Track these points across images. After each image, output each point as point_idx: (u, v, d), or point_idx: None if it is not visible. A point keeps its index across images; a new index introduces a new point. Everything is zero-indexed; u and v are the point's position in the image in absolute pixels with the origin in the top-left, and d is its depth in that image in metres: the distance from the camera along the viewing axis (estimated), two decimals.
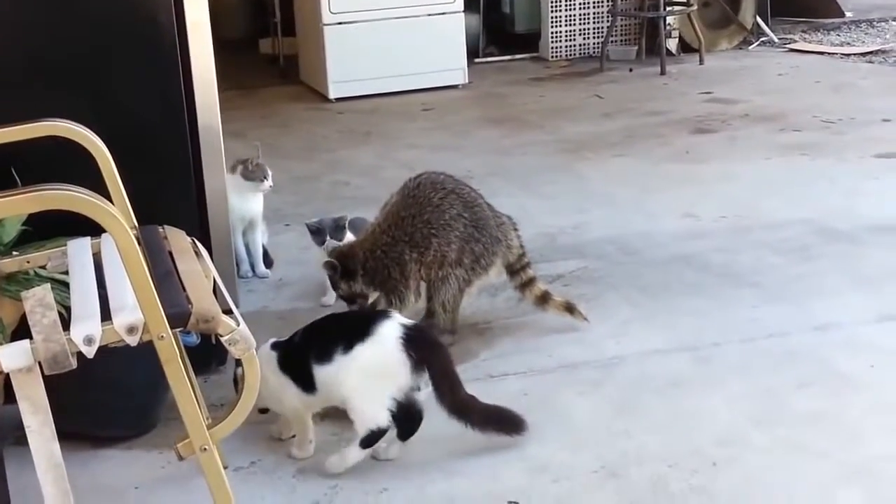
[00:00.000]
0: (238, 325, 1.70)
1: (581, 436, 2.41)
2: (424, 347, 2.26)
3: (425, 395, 2.29)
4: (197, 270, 1.90)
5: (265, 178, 3.58)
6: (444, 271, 2.87)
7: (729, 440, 2.36)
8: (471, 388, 2.64)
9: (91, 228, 1.94)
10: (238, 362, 1.77)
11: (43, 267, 2.15)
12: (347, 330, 2.28)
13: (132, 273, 1.60)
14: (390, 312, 2.36)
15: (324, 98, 6.51)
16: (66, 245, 2.16)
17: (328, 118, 6.10)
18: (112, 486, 2.32)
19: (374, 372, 2.22)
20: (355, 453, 2.26)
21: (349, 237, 3.33)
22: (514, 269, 3.00)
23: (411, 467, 2.30)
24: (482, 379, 2.72)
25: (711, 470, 2.24)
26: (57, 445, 1.70)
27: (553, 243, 3.78)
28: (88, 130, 2.16)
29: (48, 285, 1.62)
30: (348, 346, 2.23)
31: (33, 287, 2.26)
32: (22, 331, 2.09)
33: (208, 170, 2.78)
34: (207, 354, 2.62)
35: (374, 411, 2.23)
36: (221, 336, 1.69)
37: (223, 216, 2.82)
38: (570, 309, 2.98)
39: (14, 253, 2.21)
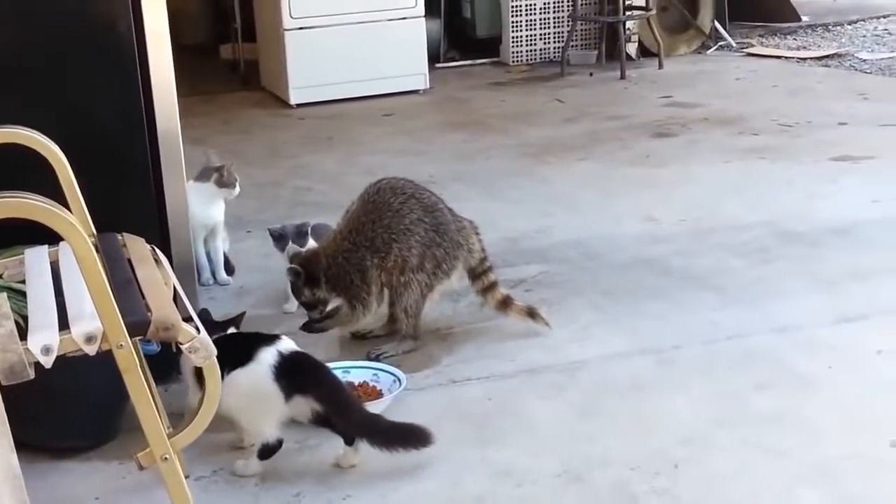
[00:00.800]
0: (199, 332, 1.69)
1: (544, 440, 2.42)
2: (301, 376, 2.25)
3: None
4: (157, 278, 1.89)
5: (236, 184, 3.57)
6: (405, 277, 2.87)
7: (691, 441, 2.37)
8: (433, 394, 2.67)
9: (48, 236, 1.93)
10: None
11: (0, 276, 2.13)
12: (231, 353, 2.23)
13: (90, 281, 1.59)
14: (277, 338, 2.32)
15: (285, 104, 6.48)
16: (22, 253, 2.13)
17: (290, 124, 6.09)
18: (72, 497, 2.29)
19: (250, 397, 2.23)
20: (255, 464, 2.30)
21: (311, 244, 3.32)
22: (475, 274, 3.00)
23: (374, 474, 2.30)
24: (444, 384, 2.72)
25: (674, 472, 2.25)
26: (15, 457, 1.69)
27: (516, 247, 3.79)
28: (45, 138, 2.14)
29: (4, 294, 1.60)
30: (229, 370, 2.19)
31: None
32: None
33: (168, 177, 2.76)
34: (168, 363, 2.60)
35: (258, 429, 2.27)
36: (181, 344, 1.68)
37: (183, 223, 2.80)
38: (531, 314, 2.98)
39: None
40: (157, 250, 2.14)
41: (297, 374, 2.24)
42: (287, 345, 2.30)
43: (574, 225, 4.01)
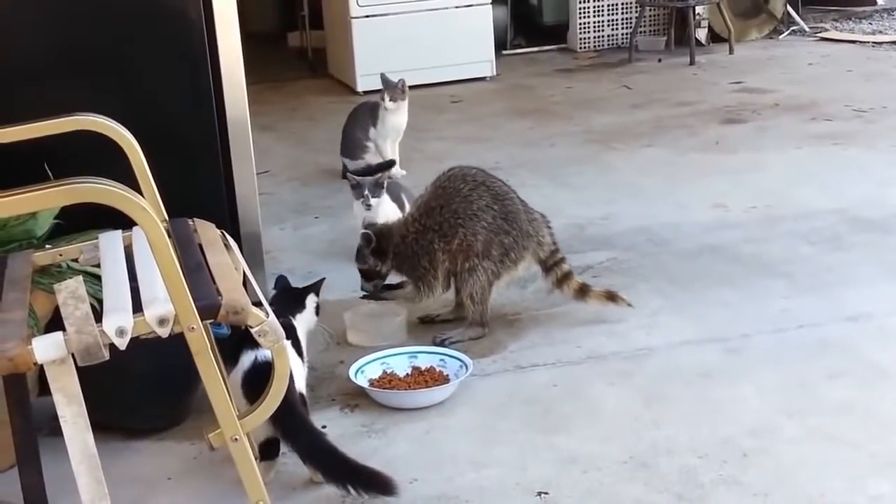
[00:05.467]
0: (267, 316, 1.70)
1: (610, 426, 2.41)
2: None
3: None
4: (226, 262, 1.91)
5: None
6: (470, 262, 2.88)
7: (760, 431, 2.34)
8: (499, 380, 2.67)
9: (123, 221, 1.97)
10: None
11: (75, 260, 2.17)
12: (231, 347, 2.23)
13: (163, 266, 1.61)
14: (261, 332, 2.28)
15: (352, 91, 6.52)
16: (97, 238, 2.17)
17: None
18: (145, 476, 2.34)
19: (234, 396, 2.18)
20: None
21: (385, 198, 3.52)
22: (548, 266, 2.99)
23: (441, 459, 2.31)
24: (511, 370, 2.72)
25: (742, 461, 2.23)
26: (91, 436, 1.72)
27: (582, 234, 3.77)
28: (117, 124, 2.17)
29: (80, 278, 1.63)
30: (229, 364, 2.20)
31: (66, 280, 2.32)
32: (55, 323, 2.11)
33: (237, 162, 2.79)
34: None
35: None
36: (251, 327, 1.70)
37: (252, 208, 2.84)
38: (611, 297, 2.97)
39: (47, 246, 2.24)
40: (227, 235, 2.17)
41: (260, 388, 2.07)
42: (264, 351, 2.10)
43: (641, 212, 3.97)
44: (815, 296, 3.08)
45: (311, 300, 2.52)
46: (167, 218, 2.20)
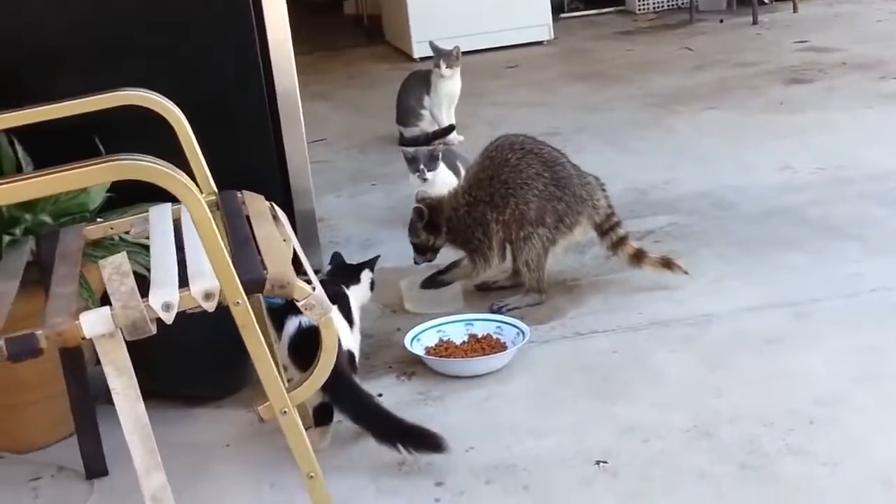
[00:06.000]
0: (314, 289, 1.67)
1: (672, 394, 2.34)
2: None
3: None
4: (274, 235, 1.88)
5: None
6: (524, 231, 2.83)
7: (828, 399, 2.26)
8: (557, 346, 2.62)
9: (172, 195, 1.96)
10: None
11: (127, 233, 2.16)
12: (278, 314, 2.23)
13: (207, 242, 1.58)
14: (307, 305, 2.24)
15: (408, 58, 6.47)
16: (148, 211, 2.16)
17: None
18: (204, 443, 2.32)
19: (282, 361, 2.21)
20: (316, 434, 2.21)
21: (443, 169, 3.47)
22: (603, 230, 2.93)
23: (498, 426, 2.26)
24: (569, 337, 2.67)
25: (809, 429, 2.15)
26: (142, 406, 1.70)
27: (643, 199, 3.69)
28: (164, 98, 2.14)
29: (125, 253, 1.61)
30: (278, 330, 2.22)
31: (119, 252, 2.31)
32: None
33: (288, 133, 2.77)
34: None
35: None
36: (297, 301, 1.66)
37: (304, 178, 2.81)
38: (667, 264, 2.88)
39: (98, 220, 2.22)
40: (276, 207, 2.13)
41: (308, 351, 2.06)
42: (306, 317, 2.14)
43: (703, 175, 3.88)
44: (888, 258, 2.96)
45: (365, 275, 2.52)
46: (216, 190, 2.18)
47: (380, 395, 2.42)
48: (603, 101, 5.21)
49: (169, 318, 1.63)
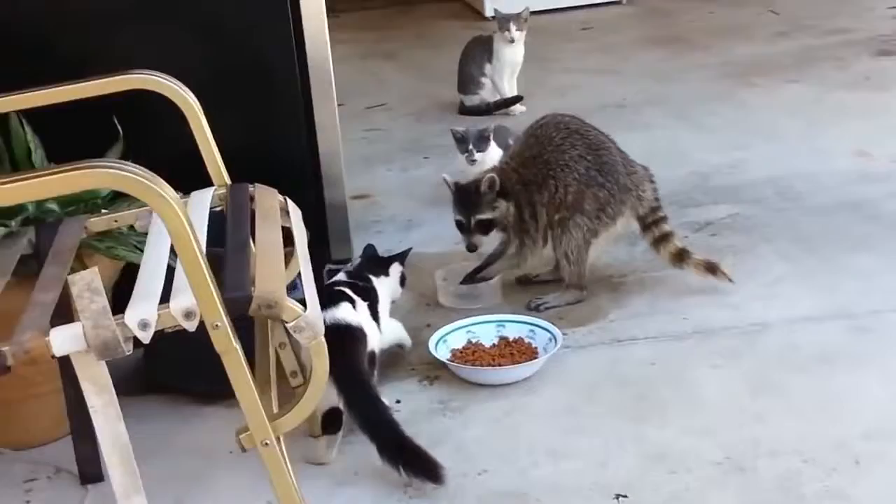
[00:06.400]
0: (305, 310, 1.54)
1: (708, 418, 2.17)
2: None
3: None
4: (274, 241, 1.75)
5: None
6: (560, 214, 2.68)
7: (879, 432, 2.07)
8: (593, 354, 2.46)
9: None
10: None
11: (132, 227, 2.05)
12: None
13: (184, 258, 1.46)
14: (343, 300, 2.13)
15: (481, 16, 6.26)
16: None
17: None
18: (208, 447, 2.21)
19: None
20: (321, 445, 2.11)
21: (493, 148, 3.34)
22: (646, 224, 2.75)
23: (516, 445, 2.13)
24: (607, 343, 2.51)
25: (853, 469, 1.97)
26: (122, 425, 1.60)
27: (705, 184, 3.48)
28: (178, 83, 2.02)
29: (96, 269, 1.50)
30: None
31: (128, 243, 2.22)
32: (119, 288, 2.02)
33: (319, 108, 2.63)
34: None
35: None
36: (286, 323, 1.54)
37: (335, 164, 2.68)
38: (711, 269, 2.69)
39: (104, 211, 2.12)
40: (289, 202, 2.01)
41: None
42: (342, 313, 2.09)
43: (773, 159, 3.64)
44: None
45: (395, 269, 2.41)
46: (228, 182, 2.06)
47: (398, 401, 2.30)
48: (677, 69, 4.96)
49: (146, 337, 1.52)
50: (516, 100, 4.48)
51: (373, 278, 2.34)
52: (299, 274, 2.34)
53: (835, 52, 4.94)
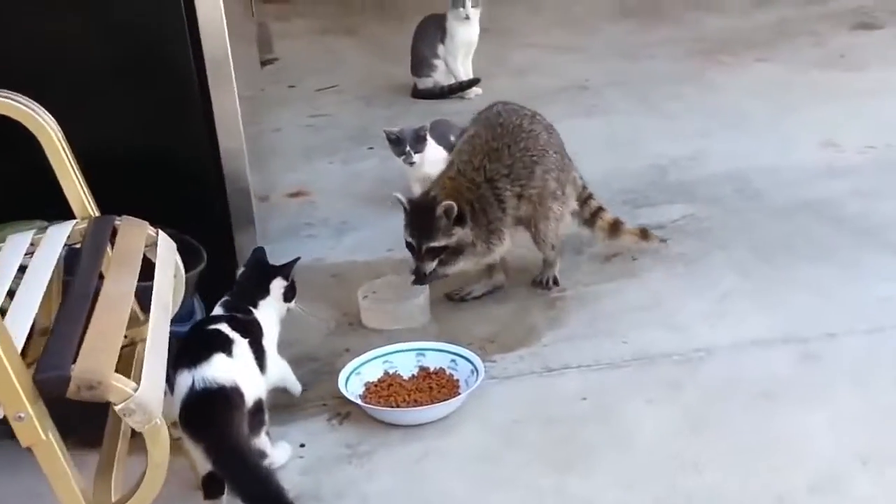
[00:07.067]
0: (135, 390, 1.32)
1: (639, 465, 1.95)
2: (199, 423, 1.78)
3: None
4: (118, 297, 1.53)
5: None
6: (546, 204, 2.56)
7: (825, 484, 1.85)
8: (520, 386, 2.25)
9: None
10: None
11: None
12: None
13: None
14: (215, 352, 1.83)
15: None
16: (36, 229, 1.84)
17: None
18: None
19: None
20: None
21: (432, 146, 3.11)
22: (582, 199, 2.71)
23: (424, 500, 1.92)
24: (537, 373, 2.29)
25: None
26: None
27: (661, 180, 3.26)
28: (34, 106, 1.80)
29: None
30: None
31: None
32: None
33: (216, 90, 2.37)
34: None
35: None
36: (114, 406, 1.32)
37: (239, 160, 2.42)
38: (644, 235, 2.72)
39: None
40: (161, 236, 1.79)
41: (203, 421, 1.77)
42: (213, 371, 1.79)
43: (736, 150, 3.42)
44: None
45: (276, 285, 2.10)
46: (94, 214, 1.84)
47: (302, 445, 2.09)
48: (644, 45, 4.73)
49: None
50: (472, 83, 4.24)
51: (254, 309, 2.05)
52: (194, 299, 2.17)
53: (811, 26, 4.71)
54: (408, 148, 3.07)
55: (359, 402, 2.17)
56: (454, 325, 2.51)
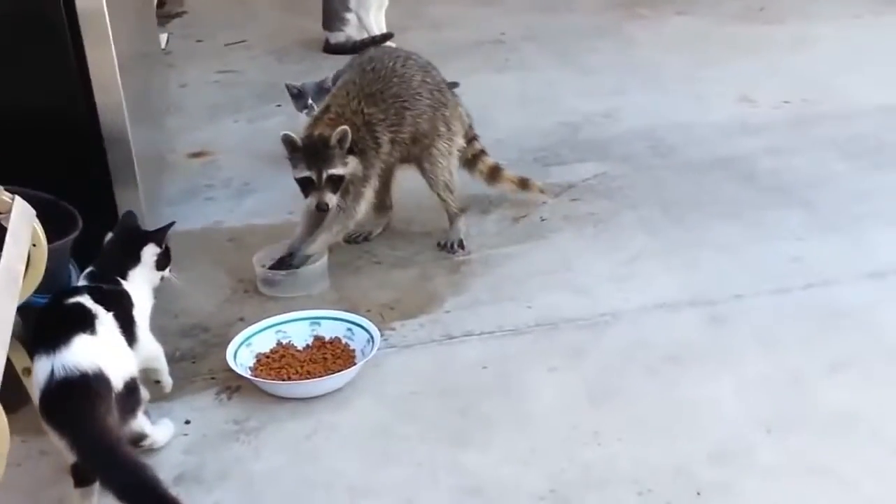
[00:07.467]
0: None
1: (537, 437, 1.88)
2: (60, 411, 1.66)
3: None
4: None
5: None
6: (421, 145, 2.52)
7: (727, 454, 1.80)
8: (420, 355, 2.17)
9: None
10: None
11: None
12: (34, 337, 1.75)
13: None
14: (78, 332, 1.70)
15: None
16: None
17: None
18: None
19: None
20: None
21: None
22: (468, 139, 2.66)
23: (314, 482, 1.82)
24: (438, 341, 2.20)
25: (694, 502, 1.70)
26: None
27: (573, 138, 3.17)
28: None
29: None
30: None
31: None
32: None
33: (93, 52, 2.19)
34: None
35: None
36: None
37: (116, 111, 2.23)
38: (523, 184, 2.70)
39: None
40: (18, 201, 1.66)
41: (65, 410, 1.65)
42: (73, 357, 1.66)
43: (650, 106, 3.35)
44: (835, 237, 2.48)
45: (148, 252, 1.95)
46: None
47: (187, 422, 1.98)
48: None
49: None
50: (385, 37, 4.10)
51: (123, 280, 1.91)
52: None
53: None
54: (310, 101, 2.96)
55: (248, 375, 2.06)
56: (354, 291, 2.41)
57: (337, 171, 2.38)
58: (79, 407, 1.62)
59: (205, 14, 4.90)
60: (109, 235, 1.97)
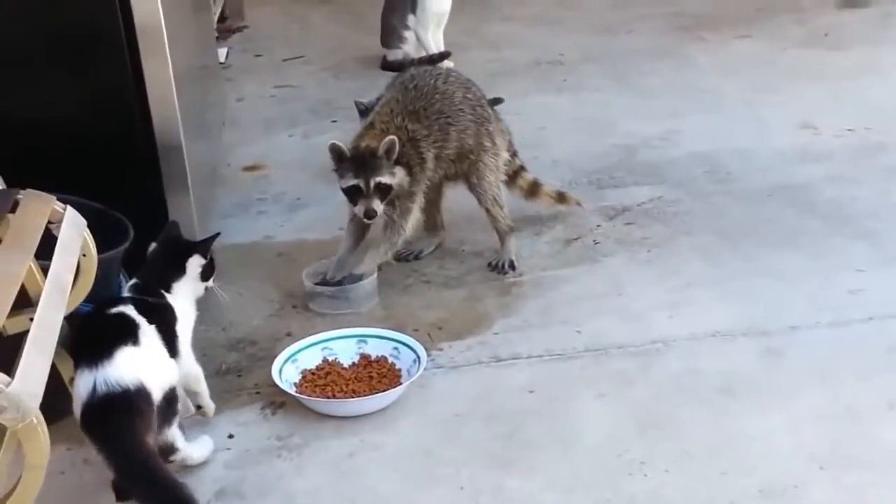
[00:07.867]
0: (7, 385, 1.20)
1: (583, 466, 1.84)
2: (101, 427, 1.67)
3: None
4: (5, 276, 1.40)
5: None
6: (469, 161, 2.52)
7: (778, 490, 1.75)
8: (467, 377, 2.13)
9: None
10: None
11: None
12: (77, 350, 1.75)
13: None
14: (119, 347, 1.69)
15: None
16: None
17: None
18: None
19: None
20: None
21: None
22: (510, 152, 2.66)
23: (353, 499, 1.80)
24: (485, 363, 2.17)
25: None
26: None
27: (630, 160, 3.13)
28: None
29: None
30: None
31: None
32: None
33: (150, 65, 2.21)
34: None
35: None
36: None
37: (171, 119, 2.25)
38: (561, 197, 2.72)
39: None
40: (70, 212, 1.67)
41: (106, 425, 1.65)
42: (116, 371, 1.66)
43: (709, 130, 3.29)
44: None
45: (193, 263, 1.94)
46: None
47: (230, 436, 1.98)
48: (625, 20, 4.58)
49: None
50: (443, 56, 4.09)
51: (168, 293, 1.89)
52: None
53: (796, 3, 4.56)
54: None
55: (292, 391, 2.05)
56: (402, 310, 2.39)
57: (384, 179, 2.38)
58: (119, 423, 1.62)
59: (265, 29, 4.93)
60: (153, 246, 1.96)
